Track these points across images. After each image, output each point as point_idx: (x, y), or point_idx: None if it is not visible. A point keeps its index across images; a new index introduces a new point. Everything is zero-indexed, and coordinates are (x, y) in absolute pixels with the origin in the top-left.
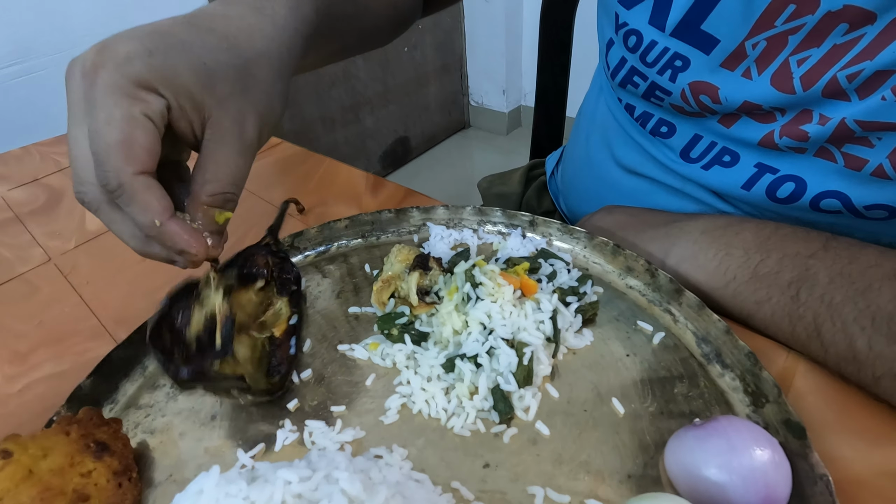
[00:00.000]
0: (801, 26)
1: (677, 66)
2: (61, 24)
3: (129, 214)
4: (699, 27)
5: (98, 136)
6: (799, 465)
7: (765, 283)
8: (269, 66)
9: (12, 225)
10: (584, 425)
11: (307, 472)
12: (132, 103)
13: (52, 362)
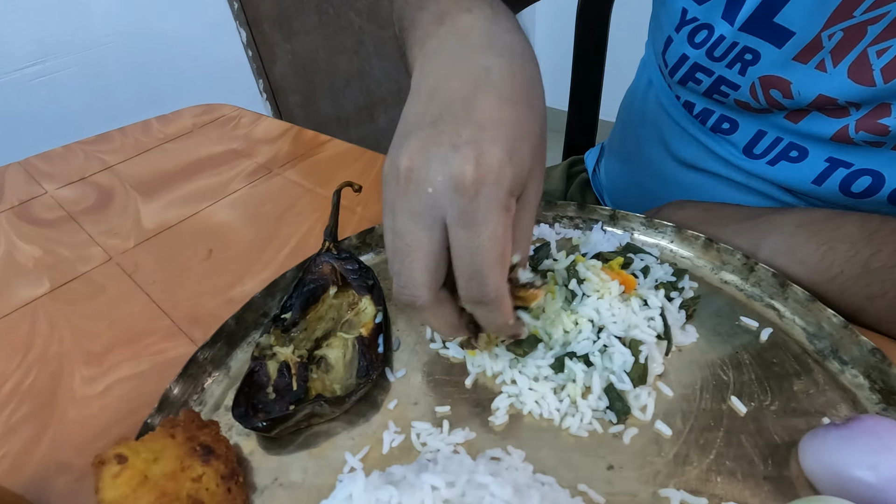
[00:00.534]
0: (882, 15)
1: (747, 60)
2: (82, 23)
3: (490, 315)
4: (772, 20)
5: (481, 254)
6: None
7: (878, 277)
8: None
9: (66, 223)
10: (706, 425)
11: (449, 477)
12: (508, 217)
13: (130, 363)
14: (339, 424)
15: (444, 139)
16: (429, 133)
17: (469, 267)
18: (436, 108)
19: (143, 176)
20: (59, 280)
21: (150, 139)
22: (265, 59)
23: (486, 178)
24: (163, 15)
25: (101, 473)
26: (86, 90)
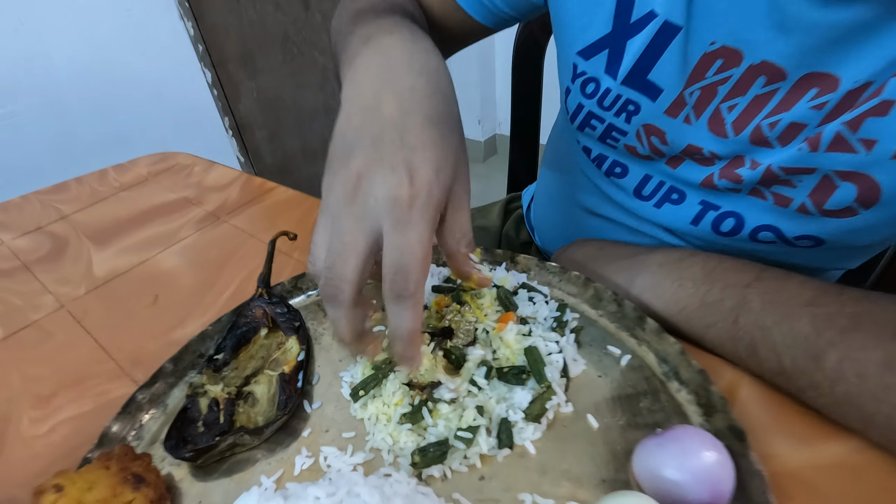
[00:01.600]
0: (727, 78)
1: (630, 110)
2: (45, 66)
3: (405, 313)
4: (646, 77)
5: (409, 253)
6: (740, 464)
7: (711, 310)
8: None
9: (20, 273)
10: (564, 439)
11: (332, 489)
12: (433, 225)
13: (75, 404)
14: (260, 452)
15: (385, 159)
16: (371, 153)
17: (397, 263)
18: (374, 128)
19: (97, 225)
20: (11, 328)
21: (106, 188)
22: (230, 97)
23: (418, 195)
24: (127, 57)
25: (39, 502)
26: (49, 132)
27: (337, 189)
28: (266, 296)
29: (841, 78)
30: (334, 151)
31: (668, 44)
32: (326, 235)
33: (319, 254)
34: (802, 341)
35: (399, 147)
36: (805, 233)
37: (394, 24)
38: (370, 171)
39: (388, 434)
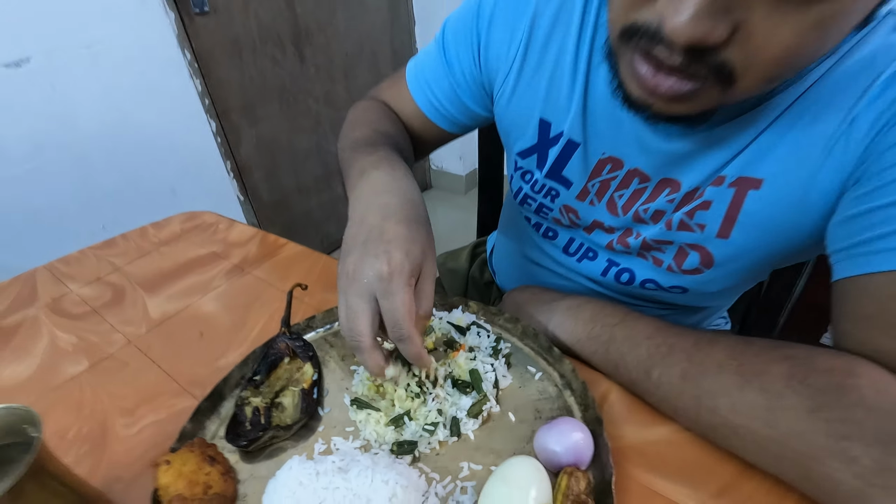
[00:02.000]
0: (615, 176)
1: (553, 194)
2: (71, 123)
3: (408, 346)
4: (561, 173)
5: (397, 311)
6: (598, 440)
7: (594, 342)
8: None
9: (91, 316)
10: (493, 429)
11: (341, 458)
12: (410, 289)
13: (152, 413)
14: (289, 442)
15: (370, 251)
16: (362, 249)
17: (391, 320)
18: (363, 233)
19: (146, 275)
20: (93, 360)
21: (147, 243)
22: (232, 143)
23: (394, 271)
24: (142, 112)
25: (156, 470)
26: (72, 180)
27: (342, 277)
28: (287, 333)
29: (682, 183)
30: (342, 253)
31: (573, 153)
32: (343, 308)
33: (342, 320)
34: (642, 362)
35: (379, 242)
36: (674, 284)
37: (380, 160)
38: (362, 261)
39: (374, 430)
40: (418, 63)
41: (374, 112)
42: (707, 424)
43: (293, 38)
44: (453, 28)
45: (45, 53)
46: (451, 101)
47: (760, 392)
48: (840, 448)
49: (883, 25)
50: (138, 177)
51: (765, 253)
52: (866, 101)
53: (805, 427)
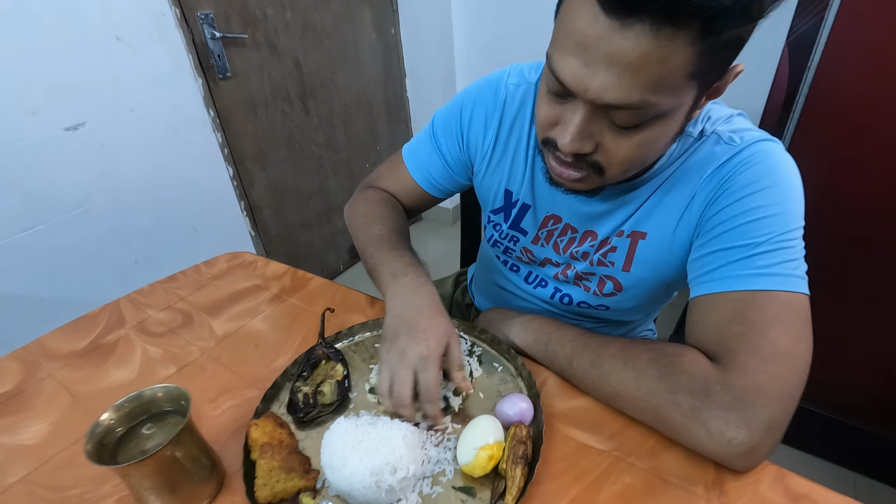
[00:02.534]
0: (556, 228)
1: (516, 240)
2: (114, 174)
3: (431, 406)
4: (520, 225)
5: (430, 381)
6: (537, 408)
7: (537, 345)
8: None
9: (170, 334)
10: (471, 404)
11: (369, 419)
12: (439, 365)
13: (229, 401)
14: (330, 417)
15: (414, 338)
16: (407, 337)
17: (425, 387)
18: (405, 326)
19: (206, 303)
20: (179, 366)
21: (202, 278)
22: (246, 186)
23: (431, 354)
24: (172, 162)
25: (248, 428)
26: (112, 222)
27: (393, 354)
28: (323, 343)
29: (598, 233)
30: (387, 335)
31: (527, 211)
32: (387, 377)
33: (385, 386)
34: (566, 357)
35: (418, 332)
36: (599, 303)
37: (406, 265)
38: (409, 345)
39: None
40: (413, 150)
41: (383, 207)
42: (604, 394)
43: (300, 94)
44: (441, 123)
45: (97, 118)
46: (444, 177)
47: (633, 370)
48: (672, 399)
49: (710, 139)
50: (167, 218)
51: (655, 281)
52: (700, 185)
53: (655, 388)
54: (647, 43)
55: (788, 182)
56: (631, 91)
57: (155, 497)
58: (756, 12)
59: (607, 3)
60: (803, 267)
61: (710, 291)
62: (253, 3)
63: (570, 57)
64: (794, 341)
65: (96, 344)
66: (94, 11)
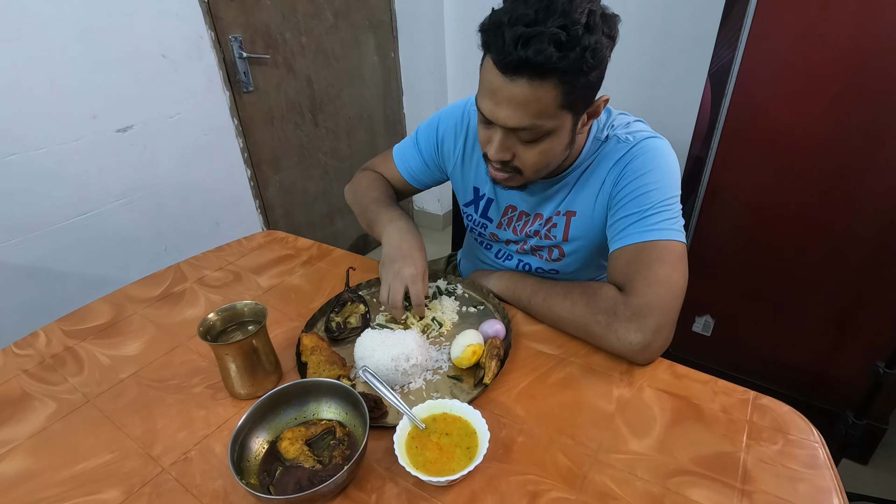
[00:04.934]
0: (514, 215)
1: (485, 226)
2: (152, 172)
3: (419, 305)
4: (487, 214)
5: (419, 291)
6: (508, 329)
7: (507, 291)
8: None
9: (225, 287)
10: (460, 327)
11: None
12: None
13: (280, 328)
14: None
15: (406, 262)
16: (401, 261)
17: (416, 295)
18: (400, 253)
19: (252, 266)
20: None
21: (244, 248)
22: (261, 187)
23: (418, 272)
24: (201, 163)
25: (300, 338)
26: (149, 211)
27: (390, 272)
28: (349, 289)
29: (543, 214)
30: (386, 261)
31: (492, 204)
32: (387, 288)
33: (385, 295)
34: (527, 297)
35: (411, 259)
36: (552, 268)
37: (399, 216)
38: (403, 266)
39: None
40: (400, 150)
41: (379, 182)
42: (551, 320)
43: (310, 108)
44: (423, 133)
45: (143, 122)
46: (422, 172)
47: (569, 301)
48: (594, 318)
49: (612, 140)
50: (193, 211)
51: (587, 247)
52: (608, 173)
53: (583, 311)
54: (527, 89)
55: (666, 165)
56: (524, 119)
57: (238, 375)
58: (589, 67)
59: (499, 67)
60: (680, 222)
61: (619, 246)
62: (275, 29)
63: (486, 99)
64: (671, 272)
65: (168, 292)
66: (146, 33)
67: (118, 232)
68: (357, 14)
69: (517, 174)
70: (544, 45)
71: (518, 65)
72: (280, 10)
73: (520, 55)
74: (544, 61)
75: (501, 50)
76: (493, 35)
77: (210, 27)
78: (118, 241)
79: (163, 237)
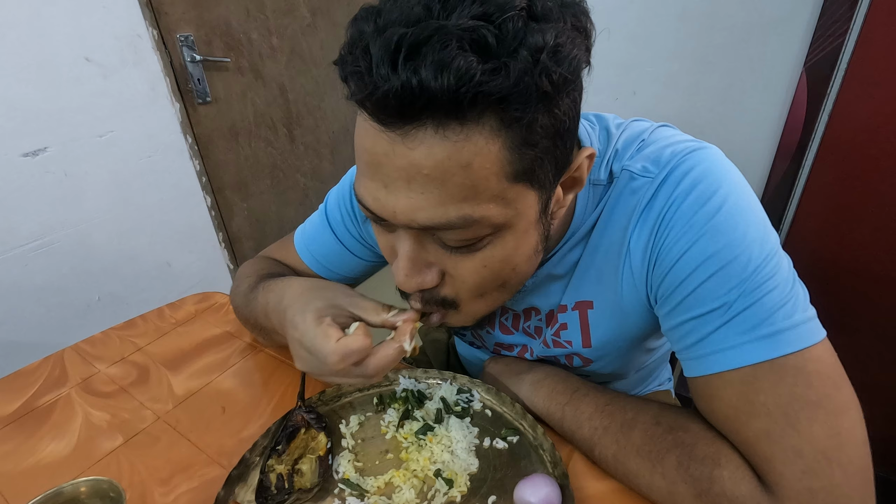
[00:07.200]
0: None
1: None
2: (76, 205)
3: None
4: None
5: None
6: (565, 491)
7: (551, 418)
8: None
9: (120, 394)
10: (479, 488)
11: None
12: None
13: (186, 482)
14: (310, 501)
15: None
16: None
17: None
18: (297, 339)
19: (167, 354)
20: (127, 435)
21: (165, 324)
22: (225, 217)
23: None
24: (144, 191)
25: None
26: (73, 256)
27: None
28: (303, 406)
29: (540, 308)
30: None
31: None
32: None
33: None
34: (585, 441)
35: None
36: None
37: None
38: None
39: (374, 485)
40: (304, 232)
41: (262, 264)
42: (637, 492)
43: (285, 122)
44: (334, 203)
45: (61, 143)
46: (340, 259)
47: (662, 478)
48: None
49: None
50: (137, 251)
51: (622, 346)
52: (632, 237)
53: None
54: (438, 149)
55: (734, 202)
56: (445, 208)
57: None
58: (553, 85)
59: (375, 116)
60: (800, 304)
61: (702, 373)
62: (237, 27)
63: (367, 180)
64: (833, 423)
65: (29, 407)
66: (63, 30)
67: (31, 283)
68: (339, 11)
69: (451, 309)
70: (451, 52)
71: (407, 100)
72: (243, 4)
73: (405, 79)
74: (458, 83)
75: (369, 79)
76: (350, 59)
77: (151, 24)
78: (32, 294)
79: (93, 285)
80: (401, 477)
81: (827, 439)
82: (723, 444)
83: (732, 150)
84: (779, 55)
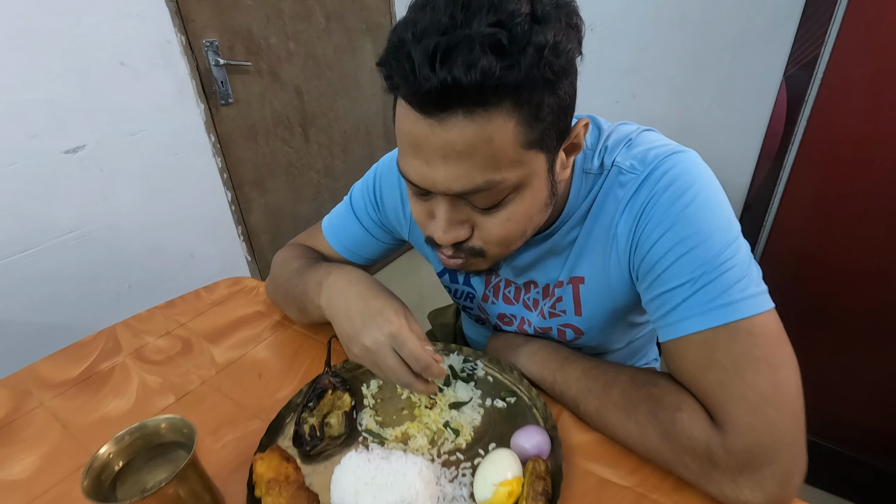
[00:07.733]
0: (499, 280)
1: (470, 297)
2: (110, 200)
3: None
4: (469, 281)
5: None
6: (554, 441)
7: (544, 382)
8: None
9: (170, 362)
10: (481, 437)
11: (381, 453)
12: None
13: (231, 433)
14: (336, 449)
15: (374, 328)
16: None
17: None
18: (357, 322)
19: (206, 330)
20: (179, 395)
21: (202, 304)
22: (244, 211)
23: (396, 329)
24: (170, 187)
25: (254, 462)
26: (106, 247)
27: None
28: (330, 372)
29: (538, 281)
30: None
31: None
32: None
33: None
34: (573, 399)
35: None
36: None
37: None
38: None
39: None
40: (331, 221)
41: (300, 250)
42: (613, 439)
43: (300, 122)
44: (359, 195)
45: (97, 141)
46: (365, 244)
47: (635, 425)
48: (680, 460)
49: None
50: (163, 242)
51: (608, 319)
52: (618, 222)
53: (659, 447)
54: (468, 130)
55: (705, 198)
56: (473, 176)
57: None
58: (554, 73)
59: (417, 107)
60: (753, 281)
61: (672, 337)
62: (257, 33)
63: (411, 158)
64: (774, 374)
65: (91, 372)
66: (100, 37)
67: (69, 270)
68: (352, 17)
69: (477, 257)
70: (476, 55)
71: (443, 94)
72: (263, 11)
73: (442, 78)
74: (482, 78)
75: (413, 79)
76: (395, 62)
77: (180, 30)
78: (70, 280)
79: (126, 274)
80: (415, 427)
81: (767, 386)
82: (685, 394)
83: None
84: (768, 61)
